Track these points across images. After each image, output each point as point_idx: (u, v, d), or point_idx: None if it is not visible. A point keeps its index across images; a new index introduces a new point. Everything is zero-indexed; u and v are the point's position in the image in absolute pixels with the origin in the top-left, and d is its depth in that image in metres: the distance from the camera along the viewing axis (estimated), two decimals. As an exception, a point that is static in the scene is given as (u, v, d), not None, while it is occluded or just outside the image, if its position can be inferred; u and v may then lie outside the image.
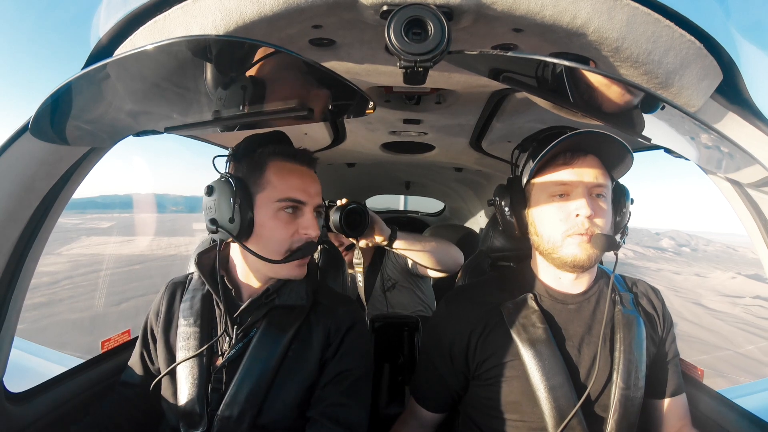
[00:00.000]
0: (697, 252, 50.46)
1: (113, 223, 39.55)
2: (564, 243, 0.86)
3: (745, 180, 0.83)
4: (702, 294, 20.35)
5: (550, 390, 0.84)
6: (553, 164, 0.88)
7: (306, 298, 0.94)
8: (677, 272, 29.26)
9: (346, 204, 1.30)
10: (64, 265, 16.44)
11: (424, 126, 1.51)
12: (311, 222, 0.88)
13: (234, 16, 0.59)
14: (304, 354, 0.90)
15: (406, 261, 1.83)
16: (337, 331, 0.92)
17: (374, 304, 1.89)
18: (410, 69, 0.55)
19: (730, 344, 11.78)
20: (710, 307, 17.10)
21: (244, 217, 0.85)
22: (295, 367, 0.89)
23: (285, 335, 0.90)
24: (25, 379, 0.95)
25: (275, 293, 0.93)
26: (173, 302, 0.99)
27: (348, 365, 0.91)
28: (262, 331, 0.90)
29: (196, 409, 0.86)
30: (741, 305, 18.01)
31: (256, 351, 0.88)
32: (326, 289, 1.05)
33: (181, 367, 0.90)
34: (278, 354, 0.88)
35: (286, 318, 0.92)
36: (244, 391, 0.85)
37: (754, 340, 12.49)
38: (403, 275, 1.88)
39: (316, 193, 0.91)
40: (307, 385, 0.89)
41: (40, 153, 0.78)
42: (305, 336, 0.92)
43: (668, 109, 0.60)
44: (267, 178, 0.87)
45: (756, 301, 19.12)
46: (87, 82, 0.61)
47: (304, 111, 0.72)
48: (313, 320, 0.93)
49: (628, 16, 0.57)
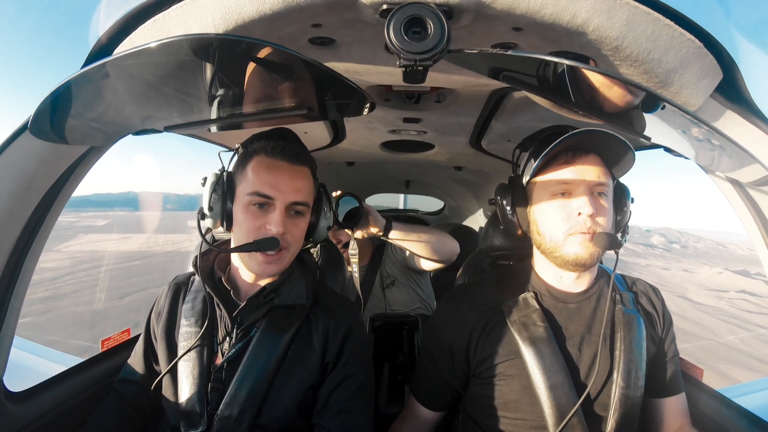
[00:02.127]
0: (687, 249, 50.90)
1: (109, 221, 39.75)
2: (566, 242, 0.86)
3: (745, 179, 0.83)
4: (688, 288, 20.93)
5: (551, 389, 0.84)
6: (554, 163, 0.88)
7: (306, 297, 0.94)
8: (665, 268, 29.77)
9: (340, 195, 1.31)
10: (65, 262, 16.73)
11: (424, 125, 1.51)
12: (276, 218, 0.85)
13: (233, 15, 0.59)
14: (304, 354, 0.90)
15: (403, 256, 1.83)
16: (336, 333, 0.92)
17: (373, 302, 1.88)
18: (410, 68, 0.55)
19: (711, 335, 12.32)
20: (695, 300, 17.84)
21: (223, 208, 0.89)
22: (294, 368, 0.89)
23: (285, 335, 0.90)
24: (25, 380, 0.95)
25: (274, 292, 0.92)
26: (176, 302, 0.99)
27: (352, 370, 0.91)
28: (261, 331, 0.90)
29: (196, 408, 0.86)
30: (726, 299, 18.73)
31: (256, 351, 0.88)
32: (326, 289, 1.05)
33: (182, 367, 0.90)
34: (278, 354, 0.88)
35: (286, 318, 0.92)
36: (244, 391, 0.85)
37: (736, 331, 13.01)
38: (401, 271, 1.88)
39: (290, 190, 0.87)
40: (308, 386, 0.89)
41: (39, 152, 0.77)
42: (305, 336, 0.92)
43: (668, 107, 0.60)
44: (246, 171, 0.88)
45: (741, 295, 19.72)
46: (86, 81, 0.61)
47: (303, 110, 0.72)
48: (312, 320, 0.93)
49: (628, 15, 0.57)
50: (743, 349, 11.32)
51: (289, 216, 0.88)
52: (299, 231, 0.91)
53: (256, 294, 0.91)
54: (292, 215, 0.89)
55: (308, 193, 0.91)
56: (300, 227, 0.91)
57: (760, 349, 11.54)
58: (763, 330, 13.59)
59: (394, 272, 1.89)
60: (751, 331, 13.36)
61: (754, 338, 12.55)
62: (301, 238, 0.93)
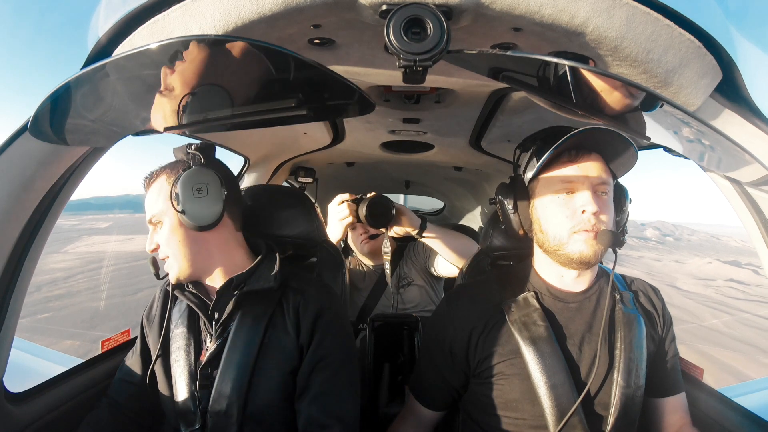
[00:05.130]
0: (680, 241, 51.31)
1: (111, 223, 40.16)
2: (570, 239, 0.86)
3: (745, 178, 0.83)
4: (677, 278, 21.54)
5: (551, 388, 0.84)
6: (557, 161, 0.88)
7: (273, 280, 0.93)
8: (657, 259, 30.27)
9: (371, 197, 1.45)
10: (74, 262, 17.15)
11: (424, 125, 1.51)
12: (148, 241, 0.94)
13: (233, 16, 0.59)
14: (281, 339, 0.91)
15: (425, 259, 1.87)
16: (305, 313, 0.92)
17: (384, 302, 1.90)
18: (409, 68, 0.56)
19: (695, 319, 13.22)
20: (683, 288, 18.59)
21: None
22: (273, 354, 0.90)
23: (260, 323, 0.91)
24: (25, 380, 0.96)
25: (243, 283, 0.92)
26: (166, 306, 1.01)
27: (327, 351, 0.91)
28: (237, 323, 0.91)
29: (190, 407, 0.89)
30: (713, 287, 19.47)
31: (234, 343, 0.90)
32: (297, 273, 1.03)
33: (175, 369, 0.93)
34: (255, 342, 0.89)
35: (259, 306, 0.93)
36: (228, 384, 0.87)
37: (719, 316, 13.88)
38: (420, 274, 1.91)
39: (147, 210, 0.93)
40: (289, 370, 0.90)
41: (39, 153, 0.77)
42: (278, 321, 0.93)
43: (667, 107, 0.60)
44: None
45: (728, 284, 20.76)
46: (86, 82, 0.61)
47: (303, 110, 0.72)
48: (284, 304, 0.94)
49: (627, 15, 0.57)
50: (724, 331, 12.09)
51: (156, 231, 0.93)
52: (164, 237, 0.92)
53: (224, 287, 0.92)
54: (157, 229, 0.93)
55: (159, 203, 0.92)
56: (163, 234, 0.92)
57: (740, 331, 12.27)
58: (745, 314, 14.49)
59: (411, 273, 1.91)
60: (734, 315, 14.22)
61: (737, 322, 13.31)
62: (171, 240, 0.91)
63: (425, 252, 1.88)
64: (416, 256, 1.93)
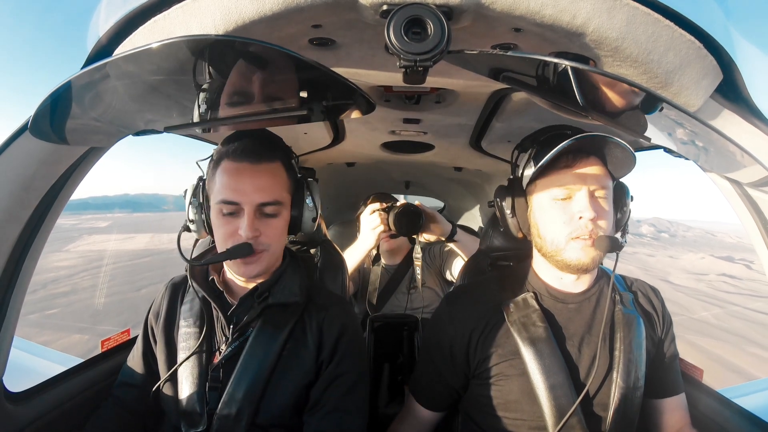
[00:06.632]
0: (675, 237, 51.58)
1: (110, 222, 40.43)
2: (567, 246, 0.86)
3: (745, 179, 0.83)
4: (670, 272, 21.93)
5: (550, 389, 0.84)
6: (555, 167, 0.88)
7: (299, 294, 0.94)
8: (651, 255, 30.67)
9: (401, 206, 1.55)
10: (77, 260, 17.43)
11: (424, 125, 1.51)
12: (245, 223, 0.83)
13: (234, 16, 0.59)
14: (300, 352, 0.90)
15: (441, 263, 1.89)
16: (330, 331, 0.92)
17: (393, 302, 1.91)
18: (410, 68, 0.55)
19: (685, 311, 13.62)
20: (675, 282, 19.23)
21: (203, 219, 0.91)
22: (291, 366, 0.89)
23: (280, 334, 0.90)
24: (25, 379, 0.96)
25: (267, 291, 0.92)
26: (174, 303, 0.99)
27: (345, 369, 0.91)
28: (258, 330, 0.90)
29: (196, 408, 0.87)
30: (705, 281, 19.94)
31: (252, 349, 0.88)
32: (320, 287, 1.05)
33: (181, 368, 0.91)
34: (274, 352, 0.88)
35: (281, 316, 0.92)
36: (242, 390, 0.85)
37: (710, 308, 14.32)
38: (433, 277, 1.92)
39: (254, 190, 0.84)
40: (304, 384, 0.89)
41: (39, 152, 0.77)
42: (300, 335, 0.92)
43: (668, 108, 0.60)
44: (215, 179, 0.87)
45: (721, 278, 21.36)
46: (86, 81, 0.61)
47: (303, 110, 0.72)
48: (306, 319, 0.93)
49: (628, 16, 0.57)
50: (714, 323, 12.51)
51: (261, 217, 0.86)
52: (274, 230, 0.88)
53: (249, 294, 0.91)
54: (263, 216, 0.86)
55: (278, 189, 0.88)
56: (274, 226, 0.88)
57: (730, 323, 12.68)
58: (736, 307, 14.96)
59: (424, 276, 1.91)
60: (724, 308, 14.60)
61: (727, 314, 13.69)
62: (279, 237, 0.90)
63: (442, 256, 1.89)
64: (432, 260, 1.94)
